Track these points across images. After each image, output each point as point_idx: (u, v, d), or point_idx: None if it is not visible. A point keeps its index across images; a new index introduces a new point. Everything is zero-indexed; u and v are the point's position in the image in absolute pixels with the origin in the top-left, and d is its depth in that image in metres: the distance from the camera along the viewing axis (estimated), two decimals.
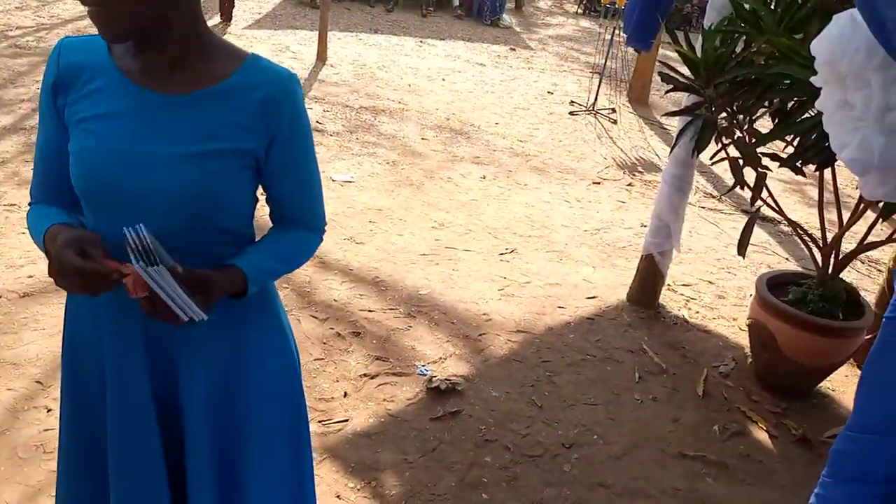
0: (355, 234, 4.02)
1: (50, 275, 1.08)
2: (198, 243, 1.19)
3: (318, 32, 7.82)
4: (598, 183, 5.46)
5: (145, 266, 0.98)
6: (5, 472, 2.13)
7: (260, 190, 1.30)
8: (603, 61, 7.61)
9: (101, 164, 1.13)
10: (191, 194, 1.13)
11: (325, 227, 1.37)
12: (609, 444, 2.63)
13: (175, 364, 1.27)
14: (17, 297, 3.00)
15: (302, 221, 1.32)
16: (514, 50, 10.01)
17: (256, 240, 1.31)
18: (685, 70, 2.94)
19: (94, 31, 1.12)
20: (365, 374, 2.84)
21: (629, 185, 5.51)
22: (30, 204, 1.28)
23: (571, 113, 7.22)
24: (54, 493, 1.46)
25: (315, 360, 2.89)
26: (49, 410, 2.40)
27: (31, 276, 3.16)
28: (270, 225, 1.34)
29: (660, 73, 3.05)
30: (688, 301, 3.75)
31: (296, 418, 1.44)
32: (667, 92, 3.17)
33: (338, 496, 2.24)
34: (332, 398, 2.69)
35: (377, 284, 3.52)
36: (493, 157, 5.65)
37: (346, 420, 2.58)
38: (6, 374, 2.54)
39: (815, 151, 2.65)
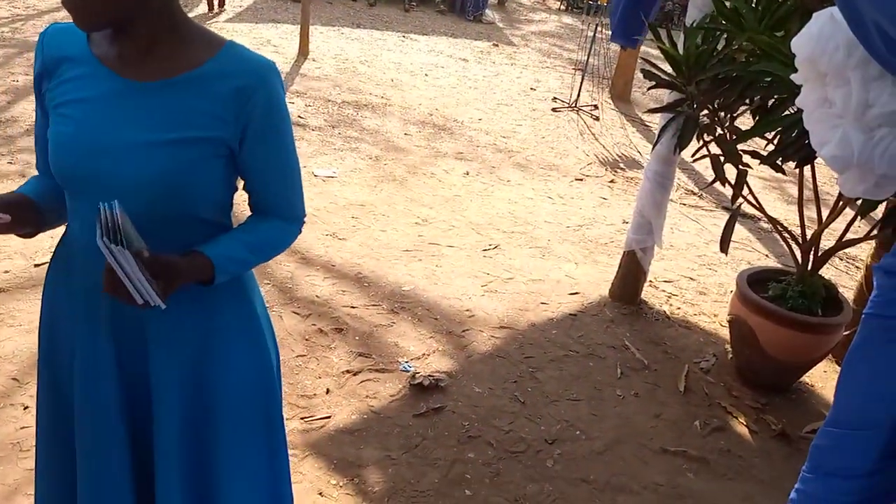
0: (338, 229, 4.00)
1: None
2: (170, 231, 1.19)
3: (299, 26, 7.75)
4: (581, 179, 5.47)
5: (108, 243, 0.98)
6: None
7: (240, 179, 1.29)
8: (585, 58, 7.63)
9: (74, 150, 1.14)
10: (160, 182, 1.13)
11: (304, 218, 1.37)
12: (591, 439, 2.64)
13: (145, 351, 1.26)
14: None
15: (279, 212, 1.31)
16: (496, 46, 10.00)
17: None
18: (667, 67, 2.96)
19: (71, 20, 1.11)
20: (348, 371, 2.83)
21: (611, 181, 5.53)
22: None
23: (554, 109, 7.23)
24: (32, 492, 1.44)
25: (297, 356, 2.87)
26: (26, 408, 2.36)
27: (6, 272, 3.10)
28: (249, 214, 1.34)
29: (642, 70, 3.06)
30: (669, 297, 3.77)
31: (270, 410, 1.43)
32: (649, 89, 3.18)
33: (320, 493, 2.23)
34: (315, 395, 2.67)
35: (360, 280, 3.51)
36: (476, 153, 5.64)
37: (329, 417, 2.57)
38: None
39: (795, 148, 2.67)
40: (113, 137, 1.13)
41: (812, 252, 3.01)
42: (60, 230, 1.33)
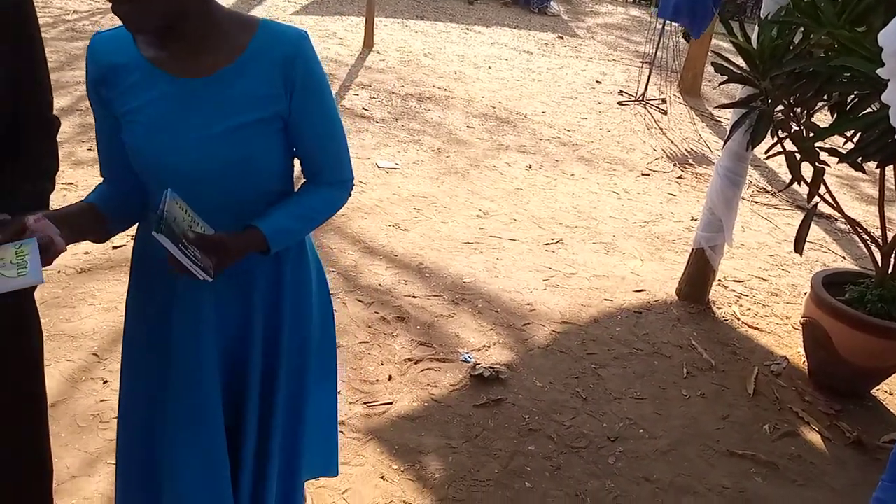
0: (400, 220, 4.03)
1: None
2: (243, 206, 1.28)
3: (364, 19, 7.83)
4: (648, 174, 5.36)
5: (154, 232, 1.07)
6: (65, 439, 2.20)
7: None
8: (653, 51, 7.46)
9: (148, 153, 1.22)
10: (230, 167, 1.23)
11: (353, 181, 1.44)
12: (655, 438, 2.60)
13: (248, 305, 1.38)
14: (74, 272, 3.09)
15: (327, 174, 1.38)
16: (561, 38, 9.89)
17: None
18: (740, 61, 2.87)
19: None
20: (409, 359, 2.85)
21: (679, 177, 5.40)
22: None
23: (620, 103, 7.11)
24: (112, 461, 1.50)
25: (360, 342, 2.91)
26: (105, 382, 2.47)
27: (87, 253, 3.24)
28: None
29: (714, 64, 2.98)
30: (739, 297, 3.66)
31: (333, 357, 1.65)
32: (721, 83, 3.09)
33: (382, 477, 2.26)
34: (377, 381, 2.70)
35: (421, 271, 3.53)
36: (539, 147, 5.60)
37: (391, 403, 2.60)
38: (65, 346, 2.62)
39: (877, 147, 2.55)
40: (181, 136, 1.21)
41: (893, 255, 2.88)
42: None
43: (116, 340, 2.65)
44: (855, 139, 2.67)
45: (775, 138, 2.92)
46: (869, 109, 2.55)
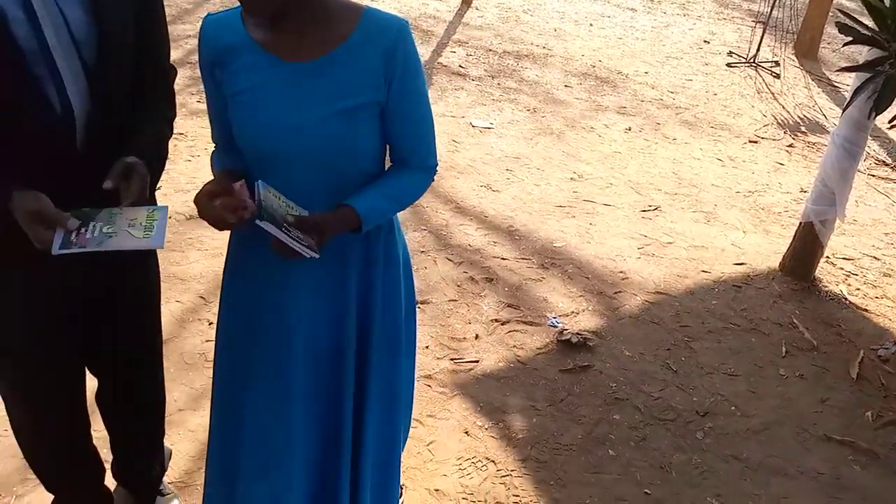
0: (492, 181, 4.01)
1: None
2: (337, 189, 1.33)
3: None
4: (755, 142, 5.09)
5: (257, 221, 1.15)
6: (174, 375, 2.36)
7: None
8: (768, 9, 6.99)
9: (254, 134, 1.28)
10: (332, 149, 1.28)
11: (437, 168, 1.46)
12: (747, 416, 2.52)
13: (334, 291, 1.42)
14: (183, 218, 3.26)
15: (415, 160, 1.42)
16: None
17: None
18: (868, 21, 2.64)
19: None
20: (496, 320, 2.87)
21: (790, 145, 5.09)
22: (215, 146, 1.48)
23: (729, 65, 6.73)
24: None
25: (449, 300, 2.95)
26: (210, 324, 2.62)
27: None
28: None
29: (837, 24, 2.76)
30: (848, 276, 3.46)
31: (412, 321, 1.69)
32: (845, 45, 2.87)
33: (466, 432, 2.30)
34: (464, 339, 2.74)
35: (511, 233, 3.51)
36: (640, 108, 5.40)
37: (477, 361, 2.63)
38: (174, 288, 2.79)
39: None
40: (287, 117, 1.25)
41: None
42: None
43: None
44: None
45: None
46: None
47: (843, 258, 3.62)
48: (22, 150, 1.21)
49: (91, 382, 1.64)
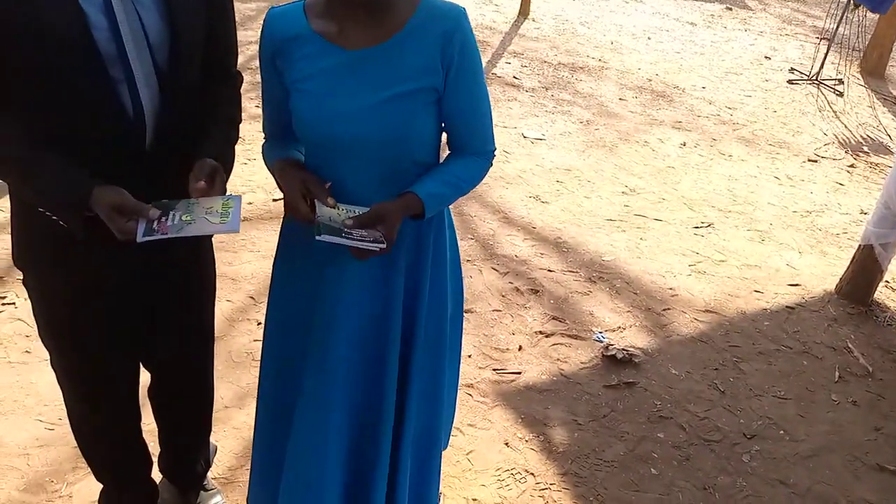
0: (541, 192, 4.00)
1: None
2: (395, 177, 1.35)
3: None
4: (815, 161, 4.95)
5: (320, 238, 1.21)
6: (221, 372, 2.43)
7: None
8: (834, 26, 6.80)
9: (314, 120, 1.31)
10: (389, 135, 1.30)
11: (495, 153, 1.47)
12: (796, 441, 2.45)
13: (383, 279, 1.45)
14: None
15: (472, 145, 1.43)
16: (730, 9, 9.25)
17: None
18: None
19: None
20: (540, 332, 2.86)
21: (851, 165, 4.94)
22: (265, 138, 1.52)
23: (790, 82, 6.57)
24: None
25: (493, 310, 2.95)
26: (259, 324, 2.69)
27: (250, 203, 3.51)
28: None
29: None
30: None
31: (459, 315, 1.70)
32: None
33: (506, 443, 2.30)
34: (508, 349, 2.74)
35: (559, 245, 3.50)
36: (696, 124, 5.32)
37: (520, 373, 2.63)
38: (226, 287, 2.86)
39: None
40: (346, 104, 1.28)
41: None
42: None
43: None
44: None
45: None
46: None
47: None
48: (94, 150, 1.27)
49: (144, 376, 1.70)
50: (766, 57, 7.34)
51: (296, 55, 1.31)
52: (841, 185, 4.63)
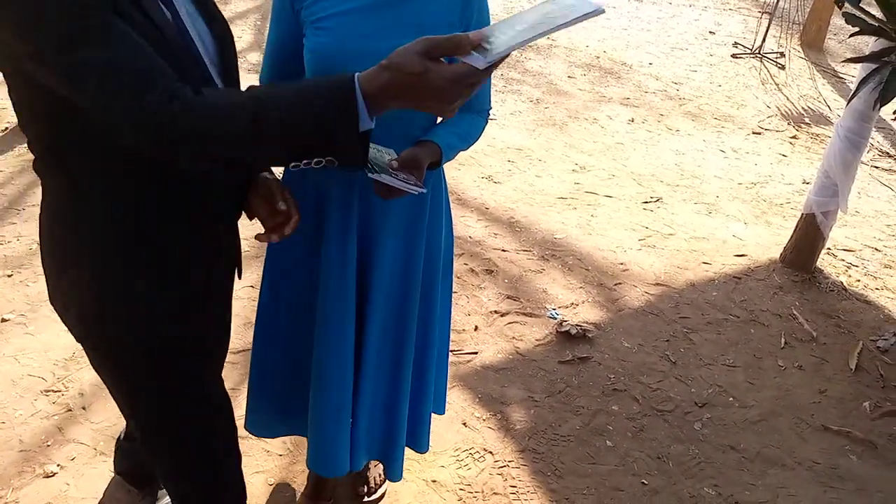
0: (493, 172, 4.01)
1: None
2: (410, 128, 1.41)
3: None
4: (759, 133, 5.07)
5: (370, 175, 1.20)
6: None
7: None
8: (775, 0, 6.95)
9: (333, 60, 1.31)
10: None
11: (491, 112, 1.57)
12: (745, 407, 2.52)
13: (373, 231, 1.52)
14: None
15: (475, 103, 1.52)
16: None
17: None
18: (876, 11, 2.63)
19: None
20: (496, 311, 2.88)
21: (793, 137, 5.07)
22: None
23: (734, 56, 6.70)
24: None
25: None
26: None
27: None
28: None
29: (844, 14, 2.75)
30: (849, 268, 3.45)
31: (449, 266, 1.80)
32: (851, 35, 2.85)
33: (464, 423, 2.32)
34: (464, 330, 2.75)
35: (512, 225, 3.52)
36: (643, 100, 5.39)
37: (476, 353, 2.64)
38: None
39: None
40: (366, 45, 1.28)
41: None
42: None
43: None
44: None
45: None
46: None
47: (845, 249, 3.61)
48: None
49: None
50: (710, 32, 7.46)
51: None
52: (784, 156, 4.75)
